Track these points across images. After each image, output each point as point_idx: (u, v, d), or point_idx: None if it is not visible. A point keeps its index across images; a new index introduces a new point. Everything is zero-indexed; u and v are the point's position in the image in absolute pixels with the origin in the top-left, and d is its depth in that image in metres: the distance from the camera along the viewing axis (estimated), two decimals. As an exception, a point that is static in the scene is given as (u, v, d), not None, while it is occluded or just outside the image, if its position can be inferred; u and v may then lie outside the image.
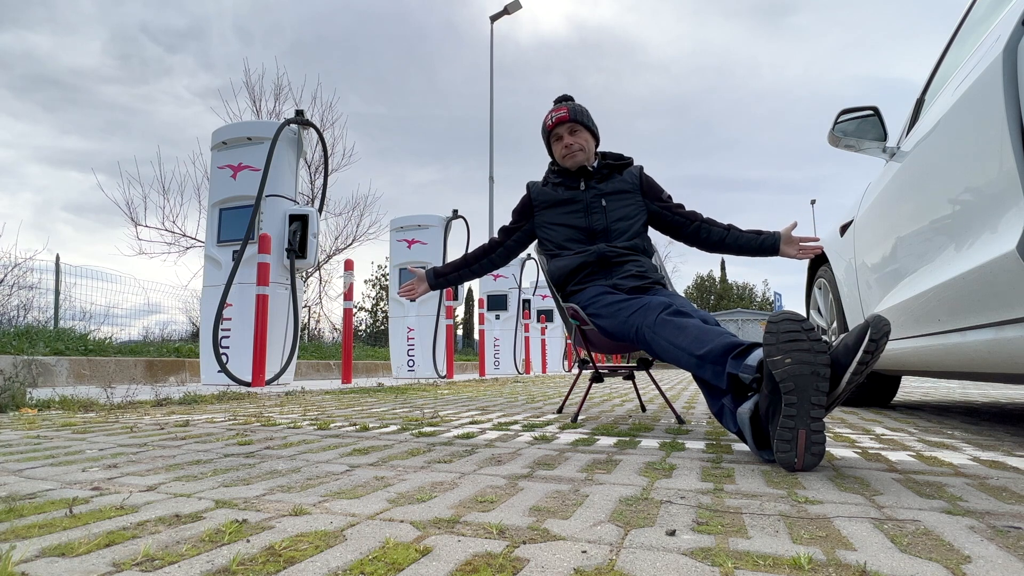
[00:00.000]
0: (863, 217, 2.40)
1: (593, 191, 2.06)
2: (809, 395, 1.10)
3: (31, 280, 7.74)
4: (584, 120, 2.08)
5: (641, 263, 1.99)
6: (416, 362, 7.08)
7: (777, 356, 1.14)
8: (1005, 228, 1.31)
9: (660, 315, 1.63)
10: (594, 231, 2.03)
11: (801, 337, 1.14)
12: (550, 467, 1.19)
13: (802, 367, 1.11)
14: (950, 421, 2.08)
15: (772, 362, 1.15)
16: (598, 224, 2.03)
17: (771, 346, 1.16)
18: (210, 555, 0.66)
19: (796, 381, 1.11)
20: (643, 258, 2.02)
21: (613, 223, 2.02)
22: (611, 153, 2.17)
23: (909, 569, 0.61)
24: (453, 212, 7.48)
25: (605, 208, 2.03)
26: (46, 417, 2.18)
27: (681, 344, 1.52)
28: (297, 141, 4.72)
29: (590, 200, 2.05)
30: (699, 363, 1.45)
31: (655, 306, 1.67)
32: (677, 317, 1.60)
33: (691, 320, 1.58)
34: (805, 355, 1.12)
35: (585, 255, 1.99)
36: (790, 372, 1.11)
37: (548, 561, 0.64)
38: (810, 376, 1.10)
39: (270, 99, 12.32)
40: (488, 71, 13.07)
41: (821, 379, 1.11)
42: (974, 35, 1.72)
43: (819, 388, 1.10)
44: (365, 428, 1.83)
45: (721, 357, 1.39)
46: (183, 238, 11.17)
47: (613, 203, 2.04)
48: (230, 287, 4.16)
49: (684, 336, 1.53)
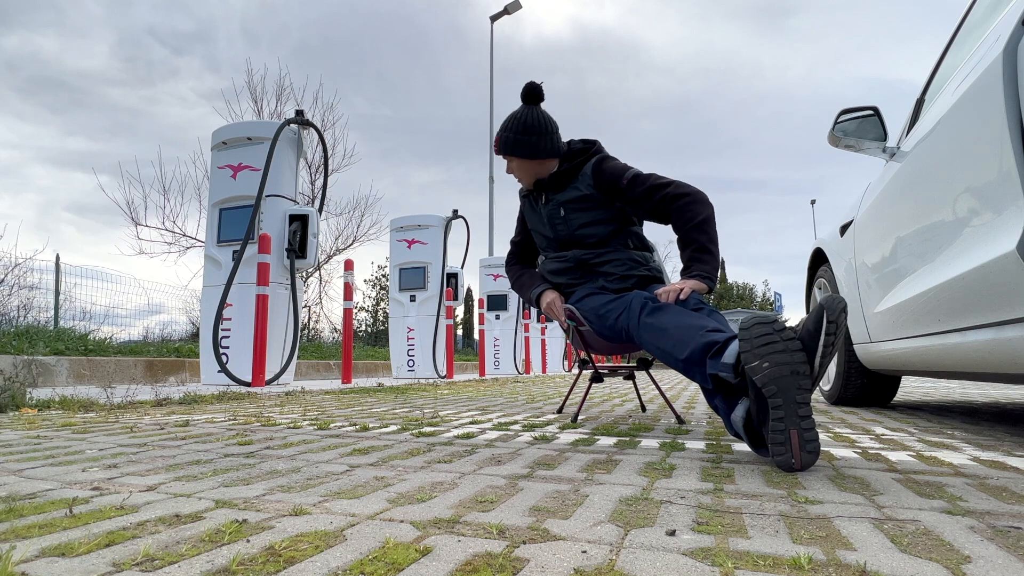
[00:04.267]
0: (863, 217, 2.40)
1: (552, 203, 1.98)
2: (793, 395, 1.11)
3: (31, 280, 7.75)
4: (513, 152, 1.95)
5: (622, 261, 1.91)
6: (416, 362, 7.08)
7: (755, 362, 1.14)
8: (1005, 228, 1.31)
9: (641, 319, 1.62)
10: (563, 240, 1.99)
11: (775, 339, 1.15)
12: (550, 467, 1.19)
13: (780, 368, 1.11)
14: (950, 421, 2.08)
15: (751, 368, 1.15)
16: (563, 233, 1.98)
17: (747, 352, 1.16)
18: (210, 555, 0.66)
19: (778, 384, 1.11)
20: (624, 254, 1.92)
21: (577, 230, 1.95)
22: (575, 144, 2.01)
23: (909, 569, 0.61)
24: (453, 212, 7.49)
25: (565, 218, 1.96)
26: (46, 417, 2.18)
27: (666, 348, 1.51)
28: (297, 141, 4.72)
29: (550, 212, 1.99)
30: (685, 367, 1.45)
31: (635, 309, 1.65)
32: (655, 316, 1.58)
33: (668, 317, 1.54)
34: (781, 356, 1.12)
35: (564, 262, 1.97)
36: (770, 376, 1.12)
37: (548, 561, 0.64)
38: (790, 376, 1.11)
39: (272, 100, 12.33)
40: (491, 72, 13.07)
41: (802, 376, 1.11)
42: (974, 35, 1.72)
43: (801, 386, 1.11)
44: (365, 428, 1.83)
45: (701, 358, 1.38)
46: (183, 238, 11.18)
47: (573, 211, 1.94)
48: (230, 287, 4.16)
49: (667, 339, 1.51)
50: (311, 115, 12.21)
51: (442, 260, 7.24)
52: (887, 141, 2.17)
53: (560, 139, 2.00)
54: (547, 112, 1.99)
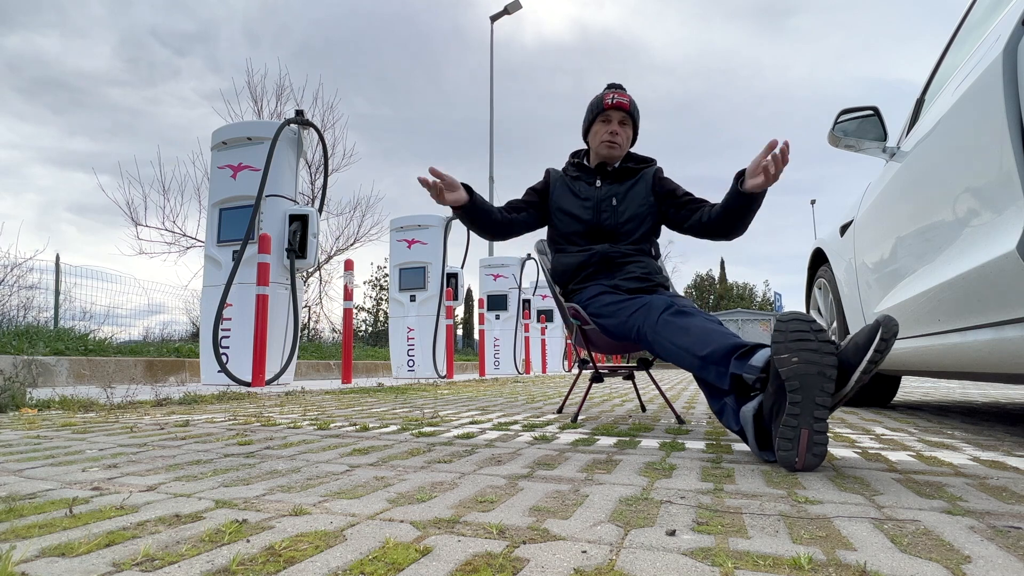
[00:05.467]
0: (863, 217, 2.40)
1: (607, 189, 2.03)
2: (814, 395, 1.11)
3: (31, 280, 7.75)
4: (636, 118, 2.06)
5: (645, 264, 1.96)
6: (416, 362, 7.08)
7: (784, 355, 1.14)
8: (1005, 228, 1.31)
9: (662, 315, 1.62)
10: (601, 230, 2.01)
11: (809, 337, 1.14)
12: (550, 467, 1.19)
13: (808, 366, 1.11)
14: (950, 421, 2.08)
15: (779, 360, 1.15)
16: (607, 223, 2.00)
17: (779, 344, 1.16)
18: (210, 555, 0.66)
19: (802, 380, 1.11)
20: (647, 259, 1.99)
21: (622, 224, 2.00)
22: (636, 155, 2.13)
23: (909, 569, 0.61)
24: (453, 212, 7.48)
25: (615, 208, 2.00)
26: (46, 417, 2.18)
27: (683, 344, 1.52)
28: (297, 141, 4.72)
29: (602, 198, 2.02)
30: (702, 364, 1.45)
31: (657, 306, 1.66)
32: (679, 317, 1.60)
33: (694, 320, 1.57)
34: (812, 355, 1.12)
35: (588, 254, 1.98)
36: (796, 371, 1.12)
37: (548, 561, 0.64)
38: (816, 376, 1.11)
39: (272, 100, 12.33)
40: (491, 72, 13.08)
41: (827, 379, 1.11)
42: (974, 36, 1.72)
43: (824, 388, 1.11)
44: (365, 428, 1.83)
45: (724, 358, 1.39)
46: (183, 238, 11.17)
47: (625, 204, 2.01)
48: (230, 287, 4.16)
49: (687, 337, 1.52)
50: (311, 115, 12.21)
51: (442, 260, 7.24)
52: (887, 141, 2.17)
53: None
54: None
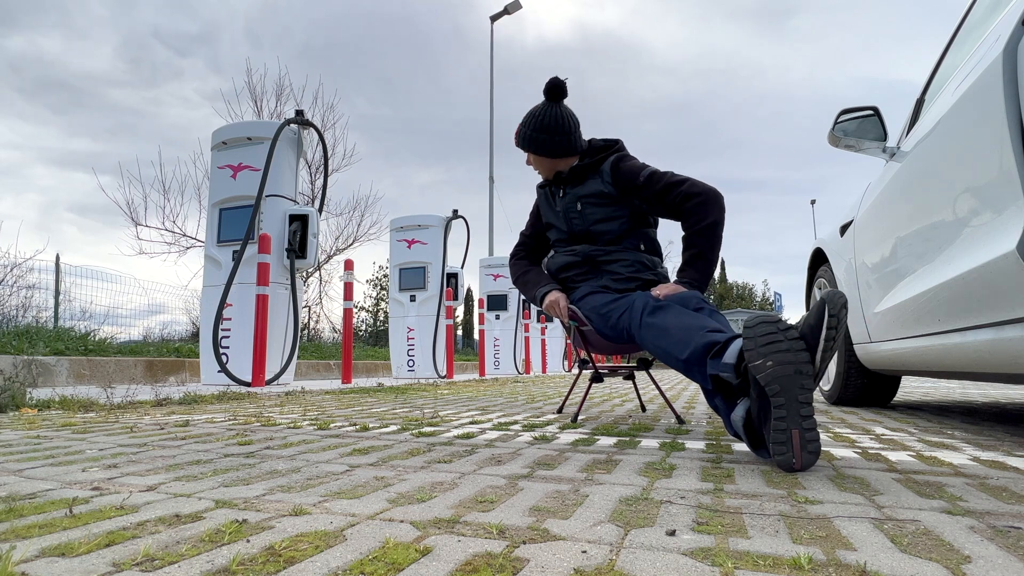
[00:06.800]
0: (863, 217, 2.40)
1: (570, 195, 1.99)
2: (796, 394, 1.11)
3: (31, 280, 7.75)
4: (532, 149, 2.00)
5: (630, 262, 1.91)
6: (416, 362, 7.08)
7: (758, 360, 1.14)
8: (1005, 228, 1.31)
9: (643, 318, 1.61)
10: (578, 235, 2.00)
11: (779, 338, 1.15)
12: (550, 467, 1.19)
13: (784, 367, 1.11)
14: (950, 421, 2.08)
15: (755, 367, 1.15)
16: (578, 228, 1.99)
17: (751, 351, 1.16)
18: (210, 555, 0.66)
19: (781, 383, 1.11)
20: (633, 255, 1.92)
21: (592, 226, 1.96)
22: (596, 142, 2.03)
23: (909, 569, 0.61)
24: (453, 212, 7.49)
25: (581, 212, 1.97)
26: (46, 417, 2.18)
27: (667, 348, 1.51)
28: (297, 141, 4.72)
29: (566, 205, 2.00)
30: (686, 368, 1.45)
31: (637, 308, 1.65)
32: (657, 316, 1.58)
33: (669, 317, 1.55)
34: (785, 355, 1.12)
35: (573, 255, 1.98)
36: (774, 375, 1.12)
37: (548, 561, 0.64)
38: (794, 375, 1.11)
39: (272, 100, 12.33)
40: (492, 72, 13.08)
41: (804, 376, 1.11)
42: (974, 36, 1.72)
43: (804, 385, 1.11)
44: (365, 428, 1.83)
45: (701, 359, 1.38)
46: (183, 238, 11.18)
47: (589, 206, 1.95)
48: (230, 287, 4.16)
49: (668, 338, 1.51)
50: (311, 115, 12.20)
51: (442, 260, 7.24)
52: (887, 141, 2.17)
53: (580, 137, 2.02)
54: (569, 109, 2.01)
